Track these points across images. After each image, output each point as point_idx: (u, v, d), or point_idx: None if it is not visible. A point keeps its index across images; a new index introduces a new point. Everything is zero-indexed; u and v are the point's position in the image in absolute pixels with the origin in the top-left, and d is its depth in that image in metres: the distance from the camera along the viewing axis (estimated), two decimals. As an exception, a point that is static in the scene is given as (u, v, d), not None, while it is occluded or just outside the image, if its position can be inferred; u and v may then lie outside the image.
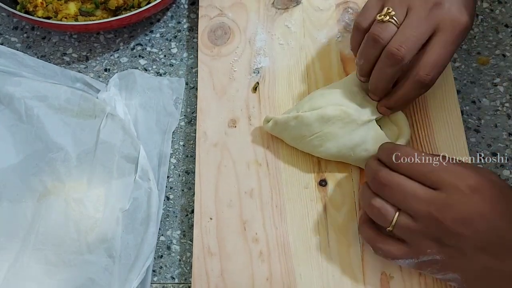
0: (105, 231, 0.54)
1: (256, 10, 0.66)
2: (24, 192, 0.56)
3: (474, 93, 0.61)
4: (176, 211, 0.57)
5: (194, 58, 0.65)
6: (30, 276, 0.52)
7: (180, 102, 0.62)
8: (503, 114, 0.60)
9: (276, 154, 0.57)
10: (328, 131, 0.54)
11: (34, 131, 0.58)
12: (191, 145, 0.60)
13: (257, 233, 0.53)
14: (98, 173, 0.56)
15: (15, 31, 0.68)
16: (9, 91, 0.59)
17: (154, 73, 0.64)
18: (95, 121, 0.58)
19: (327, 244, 0.53)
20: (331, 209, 0.54)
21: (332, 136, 0.54)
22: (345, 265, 0.51)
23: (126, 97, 0.61)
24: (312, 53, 0.62)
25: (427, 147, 0.56)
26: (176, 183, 0.59)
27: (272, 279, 0.51)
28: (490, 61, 0.63)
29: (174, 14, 0.69)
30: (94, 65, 0.65)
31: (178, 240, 0.56)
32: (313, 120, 0.54)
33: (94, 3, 0.64)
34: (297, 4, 0.66)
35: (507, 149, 0.58)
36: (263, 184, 0.56)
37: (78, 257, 0.53)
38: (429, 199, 0.44)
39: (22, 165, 0.57)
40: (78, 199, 0.55)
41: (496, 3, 0.67)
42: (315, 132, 0.54)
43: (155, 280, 0.54)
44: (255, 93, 0.60)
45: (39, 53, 0.66)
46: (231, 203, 0.55)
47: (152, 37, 0.67)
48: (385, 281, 0.51)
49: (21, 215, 0.55)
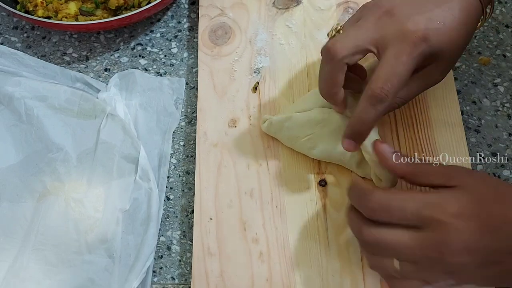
0: (105, 231, 0.54)
1: (257, 10, 0.66)
2: (24, 192, 0.56)
3: (475, 93, 0.61)
4: (176, 211, 0.57)
5: (195, 58, 0.65)
6: (30, 276, 0.52)
7: (180, 102, 0.62)
8: (504, 115, 0.60)
9: (276, 154, 0.57)
10: (319, 134, 0.54)
11: (34, 131, 0.58)
12: (191, 145, 0.60)
13: (257, 233, 0.53)
14: (98, 173, 0.56)
15: (15, 30, 0.68)
16: (9, 91, 0.59)
17: (155, 73, 0.64)
18: (95, 121, 0.58)
19: (327, 244, 0.52)
20: (331, 209, 0.54)
21: (323, 139, 0.54)
22: (345, 265, 0.51)
23: (127, 97, 0.61)
24: (313, 53, 0.62)
25: (427, 147, 0.56)
26: (176, 184, 0.59)
27: (272, 280, 0.51)
28: (491, 61, 0.63)
29: (175, 13, 0.69)
30: (94, 65, 0.65)
31: (178, 240, 0.56)
32: (305, 122, 0.54)
33: (95, 3, 0.64)
34: (298, 4, 0.66)
35: (508, 149, 0.58)
36: (263, 184, 0.55)
37: (78, 257, 0.53)
38: (420, 244, 0.42)
39: (22, 165, 0.57)
40: (78, 199, 0.55)
41: (497, 3, 0.67)
42: (307, 134, 0.54)
43: (155, 281, 0.54)
44: (255, 93, 0.60)
45: (39, 53, 0.66)
46: (231, 203, 0.55)
47: (152, 37, 0.67)
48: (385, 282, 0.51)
49: (20, 215, 0.55)
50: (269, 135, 0.57)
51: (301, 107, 0.55)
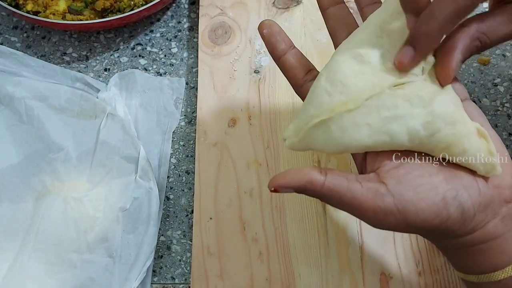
0: (105, 230, 0.54)
1: (257, 9, 0.66)
2: (24, 192, 0.56)
3: (475, 93, 0.61)
4: (176, 211, 0.57)
5: (195, 57, 0.65)
6: (30, 275, 0.52)
7: (180, 102, 0.62)
8: (504, 114, 0.60)
9: (276, 154, 0.57)
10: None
11: (34, 131, 0.58)
12: (191, 145, 0.60)
13: (257, 233, 0.53)
14: (98, 173, 0.56)
15: (15, 30, 0.68)
16: (9, 91, 0.59)
17: (154, 73, 0.64)
18: (95, 121, 0.59)
19: (327, 244, 0.53)
20: (331, 209, 0.54)
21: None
22: (345, 265, 0.52)
23: (126, 97, 0.61)
24: (313, 53, 0.62)
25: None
26: (176, 183, 0.59)
27: (271, 279, 0.51)
28: (490, 61, 0.63)
29: (175, 13, 0.69)
30: (94, 64, 0.65)
31: (178, 240, 0.56)
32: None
33: (84, 2, 0.64)
34: (298, 4, 0.66)
35: (508, 149, 0.58)
36: (263, 184, 0.56)
37: (78, 256, 0.53)
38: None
39: (22, 165, 0.57)
40: (78, 198, 0.55)
41: (497, 2, 0.67)
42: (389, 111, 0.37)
43: (155, 280, 0.54)
44: (255, 93, 0.60)
45: (39, 52, 0.66)
46: (230, 203, 0.55)
47: (152, 36, 0.67)
48: (384, 282, 0.51)
49: (21, 215, 0.55)
50: (269, 135, 0.57)
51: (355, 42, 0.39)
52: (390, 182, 0.35)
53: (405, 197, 0.35)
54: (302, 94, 0.42)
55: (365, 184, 0.36)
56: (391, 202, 0.35)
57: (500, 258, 0.37)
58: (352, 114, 0.36)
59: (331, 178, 0.36)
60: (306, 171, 0.36)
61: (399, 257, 0.52)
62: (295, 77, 0.42)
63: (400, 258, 0.52)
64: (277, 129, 0.58)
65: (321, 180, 0.35)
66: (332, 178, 0.36)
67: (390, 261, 0.52)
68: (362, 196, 0.35)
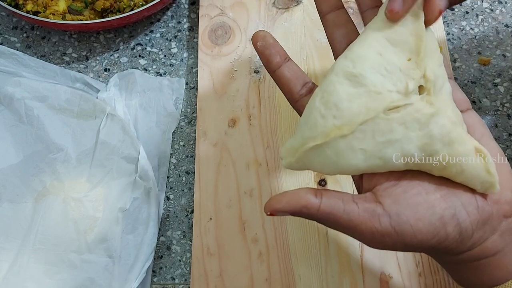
0: (105, 231, 0.54)
1: (257, 9, 0.66)
2: (24, 192, 0.56)
3: (475, 93, 0.61)
4: (176, 211, 0.57)
5: (195, 58, 0.65)
6: (30, 275, 0.52)
7: (180, 102, 0.62)
8: (504, 115, 0.60)
9: (276, 154, 0.57)
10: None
11: (34, 131, 0.58)
12: (191, 145, 0.60)
13: (257, 233, 0.53)
14: (98, 173, 0.56)
15: (15, 30, 0.68)
16: (9, 92, 0.59)
17: (154, 73, 0.64)
18: (95, 121, 0.58)
19: (327, 245, 0.53)
20: (331, 210, 0.54)
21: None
22: (345, 266, 0.51)
23: (126, 97, 0.61)
24: (313, 53, 0.62)
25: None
26: (176, 183, 0.59)
27: (271, 280, 0.51)
28: (491, 61, 0.63)
29: (174, 14, 0.69)
30: (94, 65, 0.65)
31: (178, 240, 0.56)
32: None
33: (84, 2, 0.64)
34: (298, 4, 0.66)
35: (508, 150, 0.58)
36: (263, 184, 0.56)
37: (78, 256, 0.53)
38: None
39: (22, 165, 0.57)
40: (77, 199, 0.55)
41: (496, 3, 0.67)
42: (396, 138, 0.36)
43: (155, 281, 0.54)
44: (255, 93, 0.60)
45: (39, 53, 0.66)
46: (230, 203, 0.55)
47: (152, 37, 0.67)
48: (384, 281, 0.51)
49: (21, 215, 0.55)
50: (269, 135, 0.57)
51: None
52: (386, 202, 0.35)
53: (402, 218, 0.35)
54: (298, 109, 0.41)
55: (362, 205, 0.35)
56: (387, 223, 0.35)
57: (499, 273, 0.36)
58: (347, 139, 0.35)
59: (326, 201, 0.35)
60: (302, 195, 0.36)
61: (399, 258, 0.52)
62: (291, 92, 0.41)
63: (400, 258, 0.52)
64: (277, 129, 0.58)
65: (316, 204, 0.35)
66: (328, 201, 0.35)
67: (390, 261, 0.52)
68: (358, 218, 0.35)
